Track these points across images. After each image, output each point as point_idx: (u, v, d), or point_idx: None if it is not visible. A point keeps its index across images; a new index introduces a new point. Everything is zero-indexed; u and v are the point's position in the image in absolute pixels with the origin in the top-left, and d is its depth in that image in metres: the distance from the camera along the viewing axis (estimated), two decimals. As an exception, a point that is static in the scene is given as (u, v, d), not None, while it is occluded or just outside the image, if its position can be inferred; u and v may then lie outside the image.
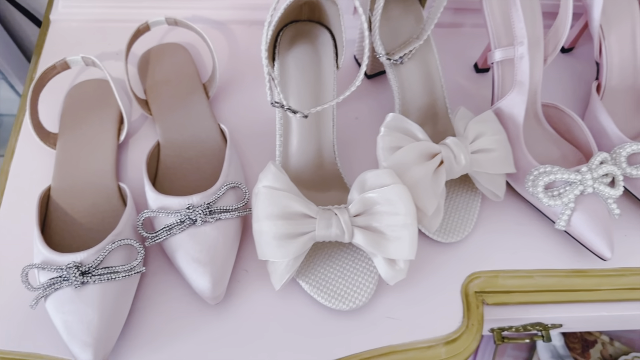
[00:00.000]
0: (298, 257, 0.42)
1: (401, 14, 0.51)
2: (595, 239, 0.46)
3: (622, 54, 0.54)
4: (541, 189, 0.47)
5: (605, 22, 0.53)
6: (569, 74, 0.61)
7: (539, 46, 0.51)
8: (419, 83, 0.51)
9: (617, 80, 0.54)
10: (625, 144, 0.49)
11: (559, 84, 0.60)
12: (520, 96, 0.48)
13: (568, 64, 0.62)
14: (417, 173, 0.43)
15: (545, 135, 0.53)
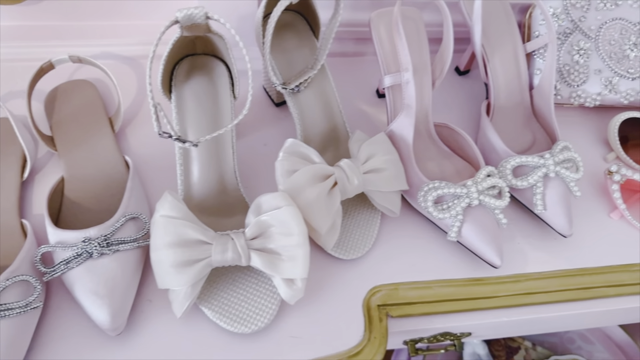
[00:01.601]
0: (196, 284, 0.43)
1: (297, 46, 0.54)
2: (484, 248, 0.49)
3: (506, 75, 0.58)
4: (431, 203, 0.50)
5: (488, 45, 0.58)
6: (466, 94, 0.65)
7: (425, 71, 0.55)
8: (318, 110, 0.54)
9: (505, 99, 0.59)
10: (510, 158, 0.53)
11: (457, 104, 0.64)
12: (408, 119, 0.52)
13: (465, 85, 0.66)
14: (311, 194, 0.45)
15: (440, 153, 0.57)
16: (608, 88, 0.59)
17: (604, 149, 0.63)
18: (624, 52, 0.59)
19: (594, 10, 0.59)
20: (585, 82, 0.59)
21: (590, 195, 0.59)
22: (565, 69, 0.59)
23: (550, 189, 0.52)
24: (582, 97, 0.60)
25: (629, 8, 0.59)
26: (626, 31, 0.59)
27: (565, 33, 0.59)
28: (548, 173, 0.52)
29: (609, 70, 0.59)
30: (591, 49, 0.59)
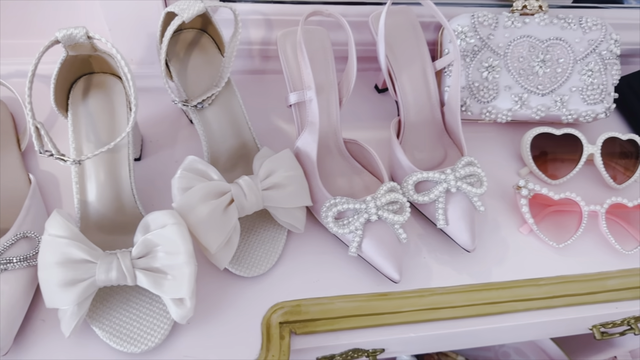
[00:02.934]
0: (83, 303, 0.42)
1: (203, 63, 0.55)
2: (383, 262, 0.49)
3: (415, 92, 0.59)
4: (331, 219, 0.50)
5: (396, 64, 0.59)
6: (385, 111, 0.66)
7: (332, 89, 0.56)
8: (225, 126, 0.54)
9: (415, 116, 0.59)
10: (412, 174, 0.53)
11: (376, 121, 0.65)
12: (312, 135, 0.52)
13: (384, 103, 0.67)
14: (202, 212, 0.45)
15: (351, 169, 0.57)
16: (518, 104, 0.61)
17: (519, 163, 0.64)
18: (532, 68, 0.61)
19: (502, 28, 0.60)
20: (495, 98, 0.61)
21: (502, 210, 0.60)
22: (475, 85, 0.60)
23: (453, 204, 0.53)
24: (493, 113, 0.61)
25: (536, 26, 0.61)
26: (534, 48, 0.61)
27: (474, 51, 0.60)
28: (449, 188, 0.53)
29: (519, 86, 0.61)
30: (500, 66, 0.60)
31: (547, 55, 0.61)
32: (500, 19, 0.61)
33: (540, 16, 0.61)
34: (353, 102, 0.66)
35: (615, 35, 0.62)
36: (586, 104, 0.62)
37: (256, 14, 0.61)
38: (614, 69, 0.62)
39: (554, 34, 0.61)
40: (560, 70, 0.61)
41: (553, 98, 0.61)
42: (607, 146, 0.62)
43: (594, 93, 0.61)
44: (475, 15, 0.60)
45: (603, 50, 0.62)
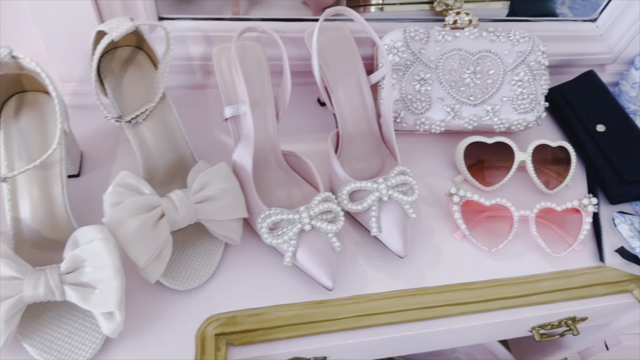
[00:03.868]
0: (11, 320, 0.43)
1: (138, 79, 0.56)
2: (316, 271, 0.51)
3: (351, 105, 0.61)
4: (266, 230, 0.51)
5: (332, 78, 0.61)
6: (325, 123, 0.68)
7: (268, 103, 0.57)
8: (162, 141, 0.55)
9: (352, 128, 0.61)
10: (347, 184, 0.55)
11: (318, 133, 0.66)
12: (247, 148, 0.54)
13: (325, 115, 0.69)
14: (131, 226, 0.46)
15: (289, 180, 0.59)
16: (451, 115, 0.63)
17: (454, 172, 0.66)
18: (464, 80, 0.63)
19: (433, 42, 0.63)
20: (428, 109, 0.63)
21: (437, 217, 0.62)
22: (408, 98, 0.62)
23: (386, 212, 0.55)
24: (427, 124, 0.63)
25: (466, 39, 0.63)
26: (465, 61, 0.63)
27: (406, 65, 0.62)
28: (382, 197, 0.54)
29: (451, 98, 0.63)
30: (432, 78, 0.63)
31: (478, 67, 0.63)
32: (432, 33, 0.63)
33: (470, 30, 0.64)
34: (296, 115, 0.68)
35: (542, 47, 0.65)
36: (517, 113, 0.65)
37: (196, 30, 0.63)
38: (543, 79, 0.65)
39: (484, 47, 0.64)
40: (490, 81, 0.64)
41: (485, 108, 0.64)
42: (538, 153, 0.64)
43: (524, 102, 0.64)
44: (407, 30, 0.63)
45: (531, 61, 0.65)
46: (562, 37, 0.74)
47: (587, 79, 0.73)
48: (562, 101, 0.72)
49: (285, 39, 0.64)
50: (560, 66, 0.78)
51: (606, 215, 0.65)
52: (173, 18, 0.62)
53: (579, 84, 0.72)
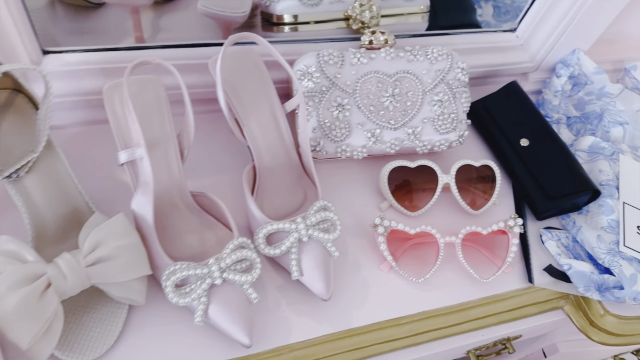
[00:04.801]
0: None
1: (18, 127, 0.50)
2: (231, 328, 0.47)
3: (266, 136, 0.57)
4: (171, 289, 0.47)
5: (242, 108, 0.57)
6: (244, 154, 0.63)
7: (170, 142, 0.52)
8: (50, 194, 0.49)
9: (270, 160, 0.58)
10: (262, 226, 0.51)
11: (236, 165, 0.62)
12: (146, 196, 0.49)
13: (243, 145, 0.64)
14: (10, 302, 0.41)
15: (202, 223, 0.54)
16: (372, 140, 0.60)
17: (380, 197, 0.64)
18: (382, 104, 0.61)
19: (348, 66, 0.60)
20: (348, 136, 0.60)
21: (364, 249, 0.59)
22: (327, 125, 0.59)
23: (307, 253, 0.51)
24: (348, 150, 0.60)
25: (383, 60, 0.61)
26: (382, 84, 0.61)
27: (322, 91, 0.59)
28: (301, 238, 0.51)
29: (371, 122, 0.61)
30: (350, 104, 0.60)
31: (396, 89, 0.61)
32: (347, 56, 0.60)
33: (386, 50, 0.61)
34: (207, 147, 0.63)
35: (461, 64, 0.63)
36: (439, 133, 0.63)
37: (88, 63, 0.57)
38: (464, 97, 0.64)
39: (401, 67, 0.61)
40: (410, 103, 0.62)
41: (406, 131, 0.62)
42: (462, 173, 0.63)
43: (445, 123, 0.62)
44: (320, 54, 0.59)
45: (451, 79, 0.63)
46: (483, 48, 0.73)
47: (510, 91, 0.72)
48: (486, 115, 0.71)
49: (190, 66, 0.60)
50: (484, 77, 0.77)
51: (534, 232, 0.65)
52: (61, 51, 0.56)
53: (502, 96, 0.72)
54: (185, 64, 0.59)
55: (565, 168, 0.65)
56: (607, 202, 0.63)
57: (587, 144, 0.69)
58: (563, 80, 0.74)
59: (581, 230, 0.63)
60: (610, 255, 0.59)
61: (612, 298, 0.58)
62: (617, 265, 0.58)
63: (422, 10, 0.70)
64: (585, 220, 0.64)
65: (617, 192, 0.65)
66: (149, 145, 0.50)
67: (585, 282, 0.59)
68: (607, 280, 0.59)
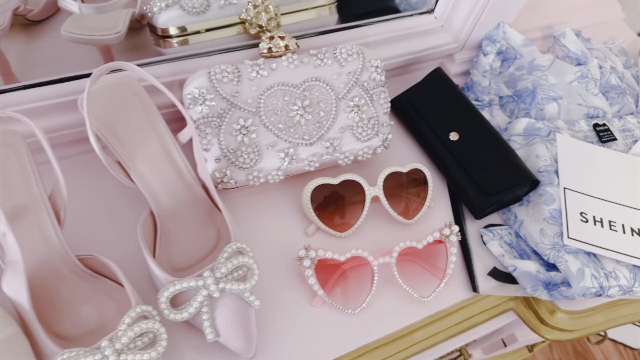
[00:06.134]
0: None
1: None
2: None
3: (159, 176, 0.50)
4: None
5: (125, 150, 0.49)
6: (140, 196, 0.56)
7: (39, 206, 0.45)
8: None
9: (170, 202, 0.51)
10: (164, 288, 0.45)
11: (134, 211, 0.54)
12: (17, 278, 0.42)
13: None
14: None
15: (97, 290, 0.47)
16: (287, 160, 0.54)
17: (307, 220, 0.58)
18: (293, 119, 0.54)
19: (247, 81, 0.53)
20: (259, 160, 0.53)
21: (292, 283, 0.53)
22: (231, 152, 0.52)
23: (221, 308, 0.46)
24: (262, 176, 0.54)
25: (286, 70, 0.54)
26: (289, 96, 0.54)
27: (220, 114, 0.52)
28: (211, 294, 0.45)
29: (283, 141, 0.54)
30: (255, 124, 0.53)
31: (306, 100, 0.54)
32: (243, 70, 0.53)
33: (288, 58, 0.54)
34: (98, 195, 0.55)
35: (375, 61, 0.57)
36: (360, 141, 0.57)
37: None
38: (382, 98, 0.58)
39: (308, 75, 0.55)
40: (323, 113, 0.55)
41: (323, 145, 0.55)
42: (391, 181, 0.57)
43: (365, 129, 0.57)
44: (212, 72, 0.51)
45: (365, 80, 0.57)
46: (401, 36, 0.66)
47: (434, 79, 0.66)
48: (412, 110, 0.65)
49: (61, 105, 0.51)
50: (408, 65, 0.71)
51: (475, 232, 0.60)
52: None
53: (426, 86, 0.66)
54: (57, 103, 0.51)
55: (499, 160, 0.60)
56: (547, 191, 0.59)
57: (521, 127, 0.65)
58: (490, 58, 0.69)
59: (523, 225, 0.59)
60: (555, 251, 0.56)
61: (560, 297, 0.54)
62: (562, 262, 0.55)
63: (329, 2, 0.63)
64: (527, 213, 0.60)
65: (557, 177, 0.61)
66: (12, 215, 0.42)
67: (533, 282, 0.56)
68: (554, 278, 0.55)
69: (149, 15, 0.57)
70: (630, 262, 0.57)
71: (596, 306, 0.58)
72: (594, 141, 0.69)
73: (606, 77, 0.72)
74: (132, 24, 0.59)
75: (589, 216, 0.59)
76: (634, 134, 0.70)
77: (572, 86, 0.69)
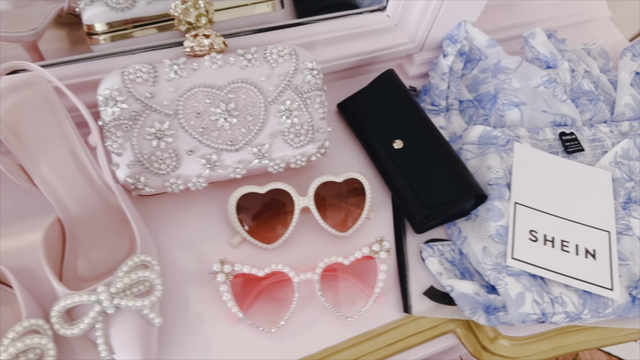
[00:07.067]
0: None
1: None
2: None
3: (66, 182, 0.48)
4: None
5: (28, 155, 0.47)
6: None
7: None
8: None
9: (78, 209, 0.48)
10: (56, 303, 0.42)
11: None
12: None
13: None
14: None
15: (-6, 301, 0.45)
16: (209, 167, 0.51)
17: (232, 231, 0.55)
18: (215, 123, 0.51)
19: (164, 82, 0.50)
20: (177, 167, 0.50)
21: (209, 300, 0.50)
22: (145, 157, 0.49)
23: (117, 325, 0.43)
24: (181, 183, 0.51)
25: (208, 70, 0.51)
26: (212, 99, 0.51)
27: (133, 117, 0.49)
28: (105, 309, 0.42)
29: (204, 147, 0.51)
30: (173, 128, 0.50)
31: (231, 104, 0.51)
32: (161, 70, 0.50)
33: (212, 58, 0.51)
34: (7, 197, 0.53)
35: (310, 64, 0.54)
36: (293, 148, 0.53)
37: None
38: (317, 102, 0.54)
39: (234, 76, 0.51)
40: (251, 118, 0.52)
41: (251, 150, 0.52)
42: (328, 190, 0.54)
43: (298, 135, 0.53)
44: (125, 72, 0.49)
45: (298, 83, 0.53)
46: (352, 35, 0.62)
47: (384, 82, 0.62)
48: (359, 114, 0.62)
49: None
50: (363, 66, 0.67)
51: (415, 247, 0.57)
52: None
53: (374, 90, 0.62)
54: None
55: (443, 171, 0.56)
56: (495, 205, 0.55)
57: (475, 135, 0.61)
58: (450, 59, 0.65)
59: (467, 241, 0.55)
60: (496, 272, 0.52)
61: (497, 322, 0.51)
62: (502, 284, 0.51)
63: (271, -4, 0.59)
64: (473, 228, 0.56)
65: (508, 191, 0.57)
66: None
67: (471, 304, 0.52)
68: (494, 301, 0.52)
69: (77, 11, 0.54)
70: (579, 287, 0.52)
71: (542, 332, 0.54)
72: (559, 151, 0.64)
73: (578, 82, 0.68)
74: (72, 19, 0.57)
75: (539, 235, 0.55)
76: (604, 145, 0.65)
77: (538, 91, 0.65)
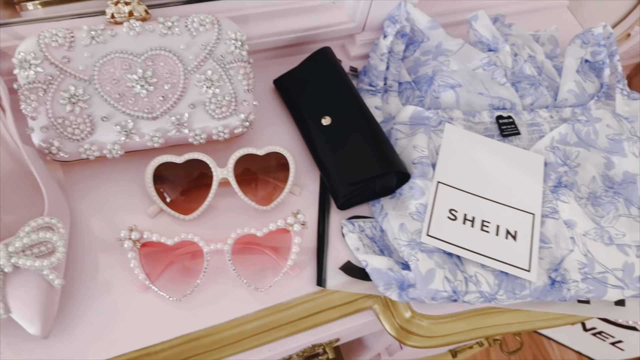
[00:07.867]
0: None
1: None
2: None
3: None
4: None
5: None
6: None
7: None
8: None
9: (-10, 171, 0.48)
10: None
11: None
12: None
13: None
14: None
15: None
16: (124, 134, 0.51)
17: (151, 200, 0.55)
18: (132, 89, 0.51)
19: (80, 47, 0.50)
20: (92, 133, 0.51)
21: (122, 267, 0.51)
22: (59, 122, 0.50)
23: (15, 285, 0.43)
24: (95, 149, 0.51)
25: (126, 37, 0.51)
26: (130, 65, 0.51)
27: (48, 81, 0.49)
28: (3, 268, 0.43)
29: (121, 113, 0.51)
30: (89, 93, 0.50)
31: (148, 71, 0.51)
32: (78, 36, 0.50)
33: (130, 24, 0.51)
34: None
35: (234, 34, 0.54)
36: (214, 119, 0.54)
37: None
38: (241, 74, 0.54)
39: (153, 44, 0.52)
40: (169, 86, 0.52)
41: (169, 119, 0.53)
42: (249, 164, 0.55)
43: (220, 106, 0.53)
44: (41, 36, 0.49)
45: (221, 53, 0.53)
46: (287, 10, 0.62)
47: (319, 59, 0.62)
48: (292, 90, 0.62)
49: None
50: (304, 44, 0.67)
51: (338, 223, 0.57)
52: None
53: (309, 67, 0.62)
54: None
55: (367, 148, 0.56)
56: (417, 184, 0.55)
57: (406, 115, 0.61)
58: (389, 40, 0.65)
59: (387, 218, 0.55)
60: (409, 248, 0.52)
61: (407, 298, 0.51)
62: (413, 260, 0.51)
63: (205, -32, 0.59)
64: (395, 206, 0.56)
65: (432, 170, 0.57)
66: None
67: (385, 280, 0.52)
68: (407, 277, 0.52)
69: (6, -25, 0.55)
70: (495, 267, 0.53)
71: (459, 312, 0.54)
72: (495, 135, 0.64)
73: (520, 66, 0.68)
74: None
75: (459, 214, 0.55)
76: (542, 129, 0.65)
77: (476, 74, 0.65)
